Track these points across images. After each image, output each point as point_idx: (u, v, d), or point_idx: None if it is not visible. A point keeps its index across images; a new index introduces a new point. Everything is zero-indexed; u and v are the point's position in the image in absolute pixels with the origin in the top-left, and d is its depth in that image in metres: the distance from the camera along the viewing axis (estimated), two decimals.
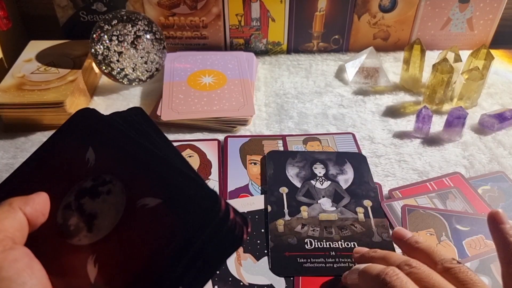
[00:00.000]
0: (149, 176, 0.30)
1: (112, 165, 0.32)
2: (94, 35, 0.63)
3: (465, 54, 0.68)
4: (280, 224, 0.47)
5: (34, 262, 0.26)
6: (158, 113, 0.61)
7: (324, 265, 0.43)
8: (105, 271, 0.28)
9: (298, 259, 0.43)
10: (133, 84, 0.67)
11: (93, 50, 0.63)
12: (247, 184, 0.52)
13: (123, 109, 0.64)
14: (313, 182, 0.52)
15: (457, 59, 0.66)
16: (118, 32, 0.64)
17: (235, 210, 0.29)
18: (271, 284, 0.41)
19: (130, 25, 0.65)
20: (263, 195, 0.50)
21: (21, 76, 0.63)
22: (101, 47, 0.63)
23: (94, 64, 0.68)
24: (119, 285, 0.28)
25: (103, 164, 0.32)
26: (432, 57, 0.72)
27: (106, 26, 0.63)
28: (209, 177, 0.53)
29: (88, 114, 0.35)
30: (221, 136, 0.60)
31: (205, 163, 0.55)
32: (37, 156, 0.35)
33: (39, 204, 0.30)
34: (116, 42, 0.64)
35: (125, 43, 0.64)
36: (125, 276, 0.28)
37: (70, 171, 0.33)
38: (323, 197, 0.50)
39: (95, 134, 0.33)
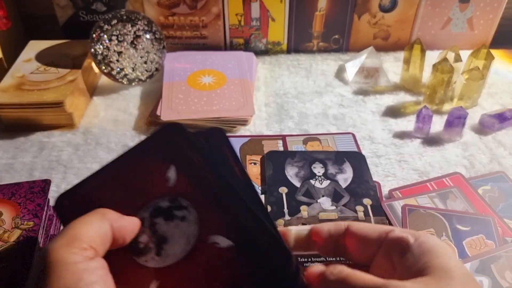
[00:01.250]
0: (225, 215, 0.29)
1: (191, 191, 0.31)
2: (94, 35, 0.63)
3: (465, 54, 0.68)
4: (280, 224, 0.47)
5: (108, 276, 0.26)
6: (158, 113, 0.61)
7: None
8: None
9: (299, 258, 0.43)
10: (133, 84, 0.67)
11: (92, 50, 0.63)
12: None
13: (122, 108, 0.65)
14: (312, 181, 0.52)
15: (457, 59, 0.66)
16: (117, 32, 0.64)
17: (302, 270, 0.28)
18: None
19: (129, 25, 0.65)
20: (263, 195, 0.50)
21: (21, 76, 0.63)
22: (101, 47, 0.63)
23: (93, 64, 0.68)
24: None
25: (183, 187, 0.31)
26: (432, 57, 0.72)
27: (106, 26, 0.63)
28: None
29: (176, 130, 0.33)
30: None
31: None
32: (117, 163, 0.33)
33: (125, 228, 0.29)
34: (116, 42, 0.64)
35: (125, 43, 0.64)
36: None
37: (149, 186, 0.32)
38: (323, 196, 0.50)
39: (180, 154, 0.32)
